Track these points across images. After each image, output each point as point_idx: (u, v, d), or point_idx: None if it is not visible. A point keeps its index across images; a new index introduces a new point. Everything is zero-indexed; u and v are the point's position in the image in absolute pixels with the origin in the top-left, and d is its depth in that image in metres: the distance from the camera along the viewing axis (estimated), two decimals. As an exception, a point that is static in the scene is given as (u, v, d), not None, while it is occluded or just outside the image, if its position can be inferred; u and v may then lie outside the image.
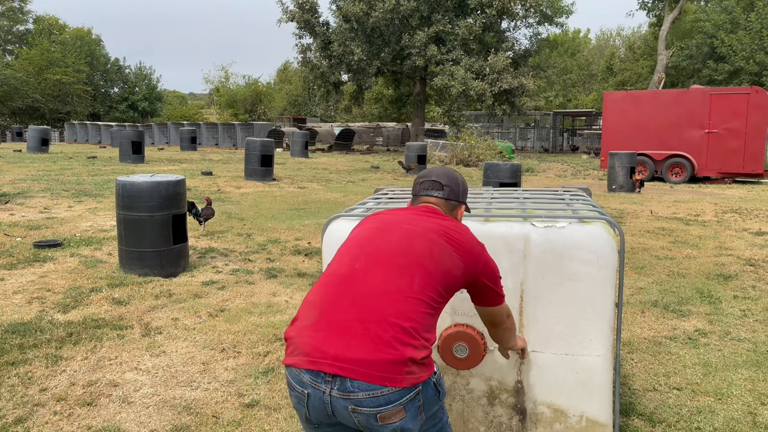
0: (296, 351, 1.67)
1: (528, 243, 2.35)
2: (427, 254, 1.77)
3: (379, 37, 27.88)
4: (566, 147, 36.02)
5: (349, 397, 1.59)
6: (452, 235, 1.85)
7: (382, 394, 1.59)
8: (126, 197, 5.46)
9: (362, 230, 1.93)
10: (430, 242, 1.80)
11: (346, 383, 1.59)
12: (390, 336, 1.62)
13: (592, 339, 2.35)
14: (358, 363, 1.59)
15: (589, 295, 2.33)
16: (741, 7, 31.56)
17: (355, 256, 1.81)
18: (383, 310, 1.65)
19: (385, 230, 1.87)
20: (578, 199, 3.03)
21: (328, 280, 1.79)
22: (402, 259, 1.76)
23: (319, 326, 1.67)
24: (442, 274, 1.77)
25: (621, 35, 54.53)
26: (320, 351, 1.63)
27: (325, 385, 1.61)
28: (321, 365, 1.61)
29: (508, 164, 9.53)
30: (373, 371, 1.58)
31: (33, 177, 12.83)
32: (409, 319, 1.66)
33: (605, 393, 2.39)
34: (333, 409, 1.62)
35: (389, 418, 1.60)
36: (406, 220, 1.91)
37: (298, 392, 1.66)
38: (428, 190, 2.06)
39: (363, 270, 1.75)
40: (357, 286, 1.72)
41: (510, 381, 2.45)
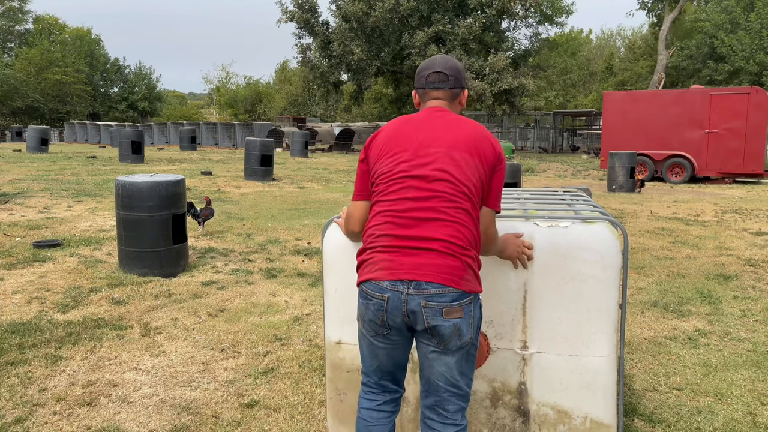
0: (375, 267, 1.99)
1: (532, 243, 2.35)
2: (465, 179, 2.01)
3: (379, 37, 27.88)
4: (566, 147, 36.02)
5: (422, 293, 1.92)
6: (481, 147, 2.06)
7: (448, 292, 1.92)
8: (126, 197, 5.46)
9: (398, 165, 2.06)
10: (462, 167, 2.02)
11: (420, 284, 1.92)
12: (452, 247, 1.95)
13: (596, 339, 2.34)
14: (429, 266, 1.93)
15: (593, 295, 2.31)
16: (741, 7, 31.56)
17: (406, 188, 2.03)
18: (442, 230, 1.95)
19: (421, 161, 2.04)
20: (579, 199, 3.02)
21: (388, 211, 2.04)
22: (448, 187, 2.00)
23: (391, 248, 1.99)
24: (477, 189, 2.03)
25: (621, 35, 54.54)
26: (397, 264, 1.96)
27: (402, 286, 1.94)
28: (399, 275, 1.94)
29: (508, 164, 9.52)
30: (442, 274, 1.92)
31: (32, 177, 12.83)
32: (469, 230, 1.99)
33: (609, 394, 2.37)
34: (408, 305, 1.93)
35: (451, 313, 1.93)
36: (434, 139, 2.07)
37: (378, 299, 1.97)
38: (435, 84, 2.20)
39: (422, 201, 2.00)
40: (423, 205, 1.99)
41: (513, 382, 2.43)
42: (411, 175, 2.00)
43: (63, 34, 51.96)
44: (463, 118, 2.14)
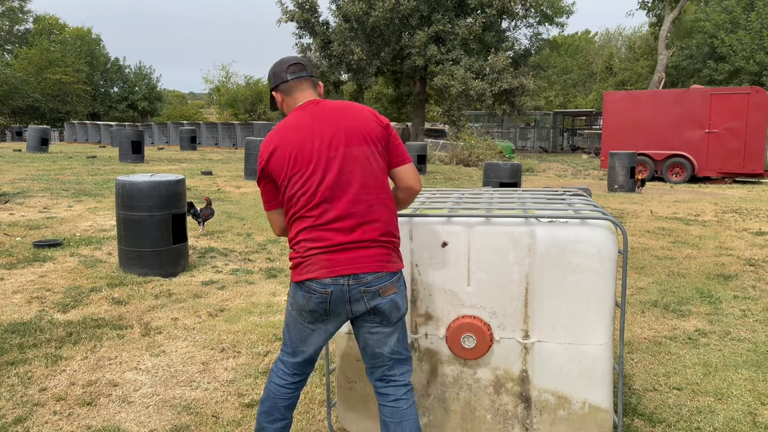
0: (314, 268, 2.17)
1: (534, 238, 2.44)
2: (367, 168, 2.18)
3: (379, 37, 27.85)
4: (566, 147, 36.01)
5: (361, 281, 2.15)
6: (371, 135, 2.22)
7: (381, 276, 2.17)
8: (126, 197, 5.46)
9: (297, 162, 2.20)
10: (364, 161, 2.19)
11: (358, 275, 2.15)
12: (381, 235, 2.18)
13: (594, 329, 2.44)
14: (362, 258, 2.15)
15: (592, 286, 2.42)
16: (741, 7, 31.54)
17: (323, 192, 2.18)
18: (368, 233, 2.17)
19: (331, 178, 2.19)
20: (579, 199, 3.08)
21: (313, 211, 2.20)
22: (362, 191, 2.18)
23: (326, 248, 2.16)
24: (384, 172, 2.24)
25: (622, 35, 54.50)
26: (335, 262, 2.15)
27: (343, 280, 2.15)
28: (339, 271, 2.14)
29: (508, 164, 9.53)
30: (374, 262, 2.16)
31: (33, 176, 12.83)
32: (389, 217, 2.23)
33: (606, 380, 2.49)
34: (350, 295, 2.16)
35: (387, 291, 2.19)
36: (331, 144, 2.19)
37: (322, 293, 2.16)
38: (297, 73, 2.32)
39: (337, 199, 2.17)
40: (343, 209, 2.16)
41: (515, 370, 2.53)
42: (326, 197, 2.15)
43: (63, 34, 51.92)
44: (339, 105, 2.27)
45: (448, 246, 2.52)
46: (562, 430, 2.52)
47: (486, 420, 2.59)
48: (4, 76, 42.57)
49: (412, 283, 2.58)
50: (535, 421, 2.54)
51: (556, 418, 2.52)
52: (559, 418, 2.51)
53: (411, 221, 2.56)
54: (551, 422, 2.52)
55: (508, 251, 2.46)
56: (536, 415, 2.54)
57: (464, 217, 2.53)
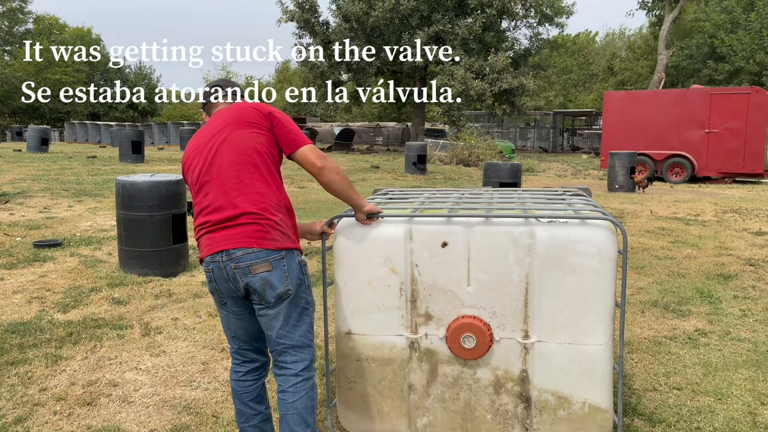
0: (201, 249, 2.30)
1: (533, 238, 2.43)
2: (239, 148, 2.26)
3: (379, 37, 27.86)
4: (566, 147, 36.02)
5: (231, 257, 2.20)
6: (238, 118, 2.31)
7: (253, 251, 2.19)
8: (126, 197, 5.46)
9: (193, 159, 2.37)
10: (236, 143, 2.28)
11: (230, 251, 2.20)
12: (253, 214, 2.21)
13: (595, 329, 2.44)
14: (234, 236, 2.20)
15: (592, 286, 2.42)
16: (741, 7, 31.56)
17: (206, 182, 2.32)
18: (242, 201, 2.22)
19: (208, 162, 2.32)
20: (579, 199, 3.07)
21: (199, 203, 2.34)
22: (232, 169, 2.28)
23: (206, 230, 2.28)
24: (263, 153, 2.28)
25: (624, 35, 54.46)
26: (212, 241, 2.25)
27: (218, 256, 2.22)
28: (213, 248, 2.23)
29: (508, 164, 9.53)
30: (246, 237, 2.19)
31: (33, 176, 12.83)
32: (265, 198, 2.25)
33: (607, 380, 2.48)
34: (227, 272, 2.21)
35: (258, 268, 2.19)
36: (213, 133, 2.34)
37: (207, 272, 2.27)
38: (207, 98, 2.55)
39: (213, 191, 2.29)
40: (218, 200, 2.26)
41: (515, 370, 2.53)
42: (204, 181, 2.29)
43: (63, 34, 51.87)
44: (229, 106, 2.41)
45: (447, 246, 2.51)
46: (562, 430, 2.51)
47: (486, 420, 2.59)
48: (4, 76, 42.55)
49: (412, 283, 2.57)
50: (535, 421, 2.54)
51: (556, 418, 2.52)
52: (559, 418, 2.51)
53: (411, 221, 2.55)
54: (551, 422, 2.52)
55: (508, 251, 2.46)
56: (536, 415, 2.54)
57: (464, 217, 2.53)
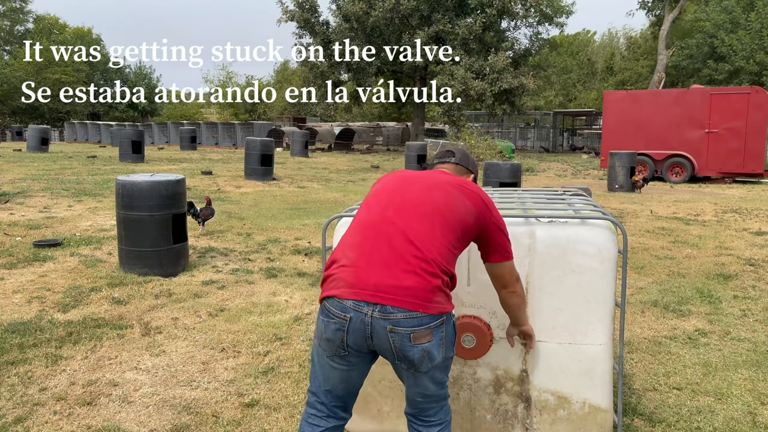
0: (339, 284, 1.93)
1: (534, 238, 2.44)
2: (444, 203, 2.07)
3: (379, 37, 27.86)
4: (566, 147, 36.02)
5: (389, 318, 1.86)
6: (466, 186, 2.17)
7: (416, 317, 1.86)
8: (126, 197, 5.46)
9: (386, 184, 2.21)
10: (446, 193, 2.11)
11: (386, 307, 1.86)
12: (420, 268, 1.91)
13: (594, 328, 2.44)
14: (395, 290, 1.87)
15: (592, 286, 2.42)
16: (741, 7, 31.55)
17: (385, 205, 2.08)
18: (413, 249, 1.94)
19: (407, 184, 2.16)
20: (579, 199, 3.08)
21: (362, 224, 2.07)
22: (424, 207, 2.05)
23: (359, 264, 1.94)
24: (457, 221, 2.05)
25: (626, 36, 54.40)
26: (362, 282, 1.90)
27: (367, 308, 1.87)
28: (363, 295, 1.88)
29: (508, 164, 9.53)
30: (409, 298, 1.87)
31: (33, 176, 12.83)
32: (436, 255, 1.95)
33: (606, 380, 2.48)
34: (372, 329, 1.87)
35: (420, 338, 1.88)
36: (424, 176, 2.21)
37: (339, 318, 1.89)
38: (441, 158, 2.50)
39: (393, 216, 2.03)
40: (389, 229, 2.00)
41: (515, 370, 2.54)
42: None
43: (63, 34, 51.85)
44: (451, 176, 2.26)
45: None
46: (562, 430, 2.52)
47: (486, 420, 2.59)
48: (4, 75, 42.53)
49: None
50: (535, 421, 2.54)
51: (556, 418, 2.52)
52: (559, 418, 2.52)
53: None
54: (551, 422, 2.52)
55: None
56: (536, 415, 2.54)
57: None
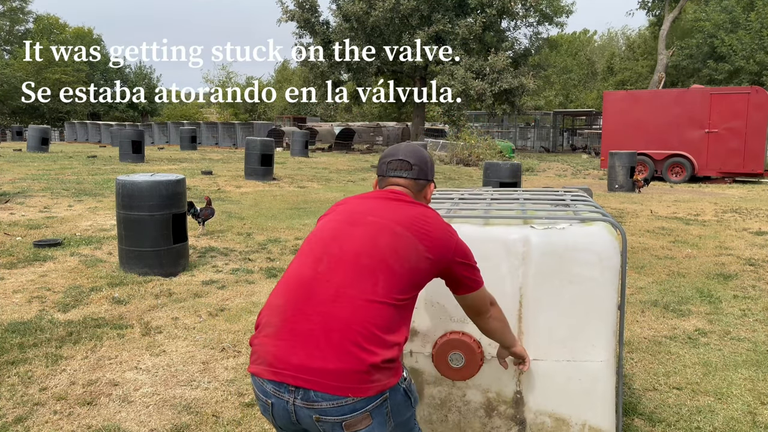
0: (259, 359, 1.67)
1: (528, 245, 2.25)
2: (392, 252, 1.72)
3: (379, 37, 27.86)
4: (566, 147, 36.03)
5: (313, 407, 1.58)
6: (420, 226, 1.80)
7: (347, 403, 1.57)
8: (126, 196, 5.46)
9: (327, 223, 1.87)
10: (395, 236, 1.75)
11: (309, 393, 1.58)
12: (352, 345, 1.60)
13: (595, 344, 2.26)
14: (320, 374, 1.58)
15: (591, 298, 2.24)
16: (741, 7, 31.56)
17: (318, 257, 1.75)
18: (346, 318, 1.62)
19: (351, 224, 1.81)
20: (579, 199, 2.96)
21: (291, 282, 1.75)
22: (366, 259, 1.71)
23: (282, 335, 1.65)
24: (408, 270, 1.72)
25: (626, 35, 54.42)
26: (283, 361, 1.62)
27: (288, 395, 1.60)
28: (284, 376, 1.60)
29: (508, 164, 9.53)
30: (336, 382, 1.57)
31: (33, 176, 12.83)
32: (373, 326, 1.63)
33: (608, 400, 2.31)
34: (297, 417, 1.61)
35: (355, 425, 1.59)
36: (372, 210, 1.84)
37: (262, 401, 1.67)
38: (397, 171, 1.99)
39: (326, 273, 1.70)
40: (320, 291, 1.68)
41: (509, 392, 2.35)
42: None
43: (63, 34, 51.85)
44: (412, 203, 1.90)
45: None
46: None
47: None
48: (4, 75, 42.53)
49: None
50: None
51: None
52: None
53: None
54: None
55: (501, 260, 2.27)
56: None
57: (455, 223, 2.33)
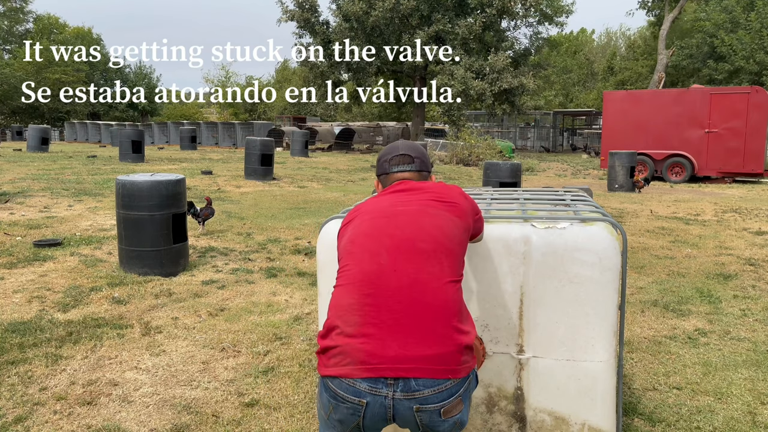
0: (346, 360, 1.60)
1: (529, 245, 2.28)
2: (439, 232, 1.76)
3: (379, 37, 27.86)
4: (566, 146, 36.03)
5: (414, 397, 1.57)
6: (445, 199, 1.87)
7: (446, 387, 1.59)
8: (126, 196, 5.46)
9: (361, 224, 1.84)
10: (434, 216, 1.80)
11: (410, 383, 1.56)
12: (446, 327, 1.61)
13: (595, 344, 2.28)
14: (420, 360, 1.57)
15: (592, 298, 2.25)
16: (741, 7, 31.57)
17: (376, 251, 1.73)
18: (431, 302, 1.63)
19: (387, 216, 1.81)
20: (579, 199, 2.97)
21: (357, 280, 1.70)
22: (422, 243, 1.72)
23: (367, 331, 1.61)
24: (458, 245, 1.78)
25: (625, 35, 54.43)
26: (378, 356, 1.57)
27: (387, 389, 1.57)
28: (381, 371, 1.57)
29: (508, 163, 9.53)
30: (438, 366, 1.58)
31: (33, 176, 12.83)
32: (458, 305, 1.67)
33: (608, 400, 2.32)
34: (395, 412, 1.58)
35: (451, 411, 1.61)
36: (396, 202, 1.87)
37: (353, 403, 1.59)
38: (400, 166, 2.04)
39: (391, 264, 1.69)
40: (392, 282, 1.66)
41: (509, 388, 2.38)
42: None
43: (63, 34, 51.83)
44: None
45: None
46: None
47: None
48: (4, 75, 42.51)
49: None
50: None
51: None
52: None
53: None
54: None
55: (502, 259, 2.29)
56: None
57: None
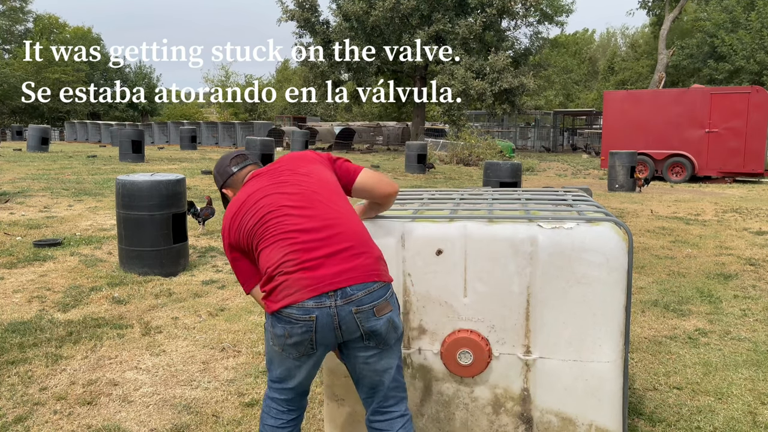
0: (291, 290, 1.89)
1: (535, 245, 2.26)
2: (322, 178, 2.13)
3: (379, 36, 27.85)
4: (566, 146, 36.03)
5: (351, 299, 1.88)
6: (302, 158, 2.22)
7: (375, 289, 1.92)
8: (126, 196, 5.45)
9: (253, 195, 2.10)
10: (310, 173, 2.14)
11: (346, 290, 1.88)
12: (364, 243, 2.00)
13: (602, 345, 2.26)
14: (350, 271, 1.91)
15: (599, 299, 2.24)
16: (741, 7, 31.56)
17: (285, 212, 2.01)
18: (344, 230, 1.98)
19: (274, 194, 2.07)
20: (581, 199, 2.95)
21: (280, 238, 1.98)
22: (317, 193, 2.07)
23: (304, 264, 1.91)
24: (336, 184, 2.17)
25: (625, 35, 54.45)
26: (317, 278, 1.89)
27: (329, 300, 1.87)
28: (322, 288, 1.88)
29: (508, 163, 9.53)
30: (363, 272, 1.92)
31: (33, 176, 12.82)
32: (362, 228, 2.05)
33: (616, 401, 2.30)
34: (340, 320, 1.88)
35: (382, 310, 1.93)
36: (270, 182, 2.13)
37: (305, 321, 1.88)
38: (240, 164, 2.30)
39: (303, 215, 2.00)
40: (312, 224, 1.98)
41: (516, 389, 2.36)
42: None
43: (63, 34, 51.82)
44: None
45: (443, 254, 2.33)
46: None
47: None
48: (3, 75, 42.51)
49: (404, 294, 2.39)
50: None
51: None
52: None
53: (404, 227, 2.37)
54: None
55: (508, 260, 2.29)
56: None
57: (460, 224, 2.35)
